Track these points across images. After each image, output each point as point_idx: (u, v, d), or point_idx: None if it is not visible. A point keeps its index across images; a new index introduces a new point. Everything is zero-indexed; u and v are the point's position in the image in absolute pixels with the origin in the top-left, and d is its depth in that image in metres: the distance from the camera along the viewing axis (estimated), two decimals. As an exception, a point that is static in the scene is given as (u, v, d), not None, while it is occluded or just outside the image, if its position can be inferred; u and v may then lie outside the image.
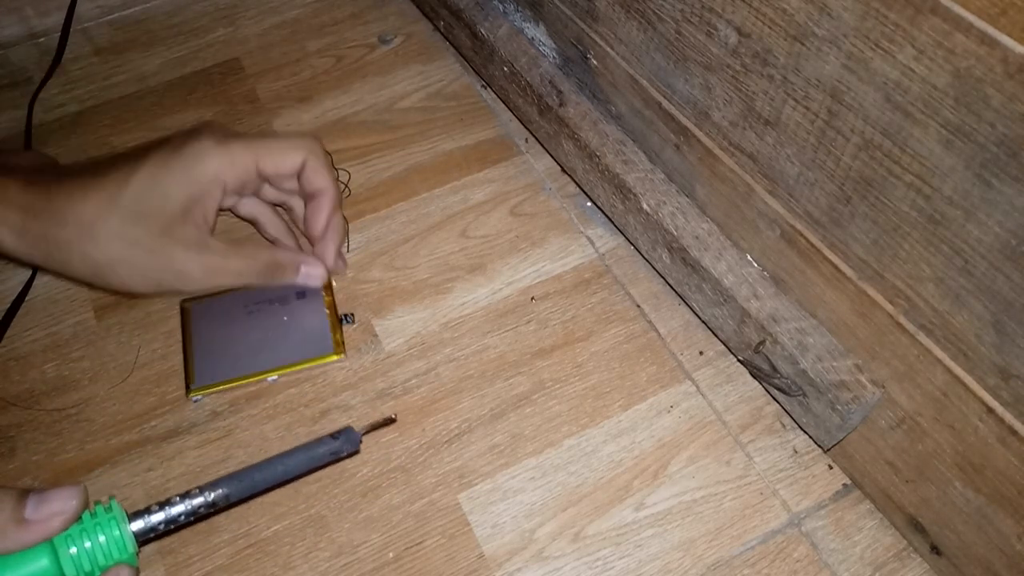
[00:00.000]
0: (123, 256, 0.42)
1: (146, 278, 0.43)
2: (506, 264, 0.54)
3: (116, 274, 0.43)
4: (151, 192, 0.42)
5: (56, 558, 0.31)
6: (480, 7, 0.59)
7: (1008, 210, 0.28)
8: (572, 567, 0.42)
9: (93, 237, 0.41)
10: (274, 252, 0.47)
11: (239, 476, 0.36)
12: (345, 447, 0.38)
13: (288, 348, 0.48)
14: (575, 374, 0.49)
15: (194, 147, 0.43)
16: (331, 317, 0.49)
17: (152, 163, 0.43)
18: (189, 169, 0.43)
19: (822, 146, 0.35)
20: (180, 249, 0.43)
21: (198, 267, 0.44)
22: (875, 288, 0.36)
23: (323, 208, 0.48)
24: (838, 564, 0.42)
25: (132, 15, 0.70)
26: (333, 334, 0.49)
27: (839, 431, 0.39)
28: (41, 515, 0.31)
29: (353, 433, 0.38)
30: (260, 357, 0.48)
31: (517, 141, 0.61)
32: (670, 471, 0.45)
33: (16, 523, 0.31)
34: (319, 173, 0.47)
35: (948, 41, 0.27)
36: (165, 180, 0.43)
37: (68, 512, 0.32)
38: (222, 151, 0.44)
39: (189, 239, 0.43)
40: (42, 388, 0.48)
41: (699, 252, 0.44)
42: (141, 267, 0.43)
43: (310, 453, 0.37)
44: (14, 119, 0.62)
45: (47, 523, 0.31)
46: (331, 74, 0.66)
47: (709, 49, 0.39)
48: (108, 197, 0.42)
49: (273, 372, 0.47)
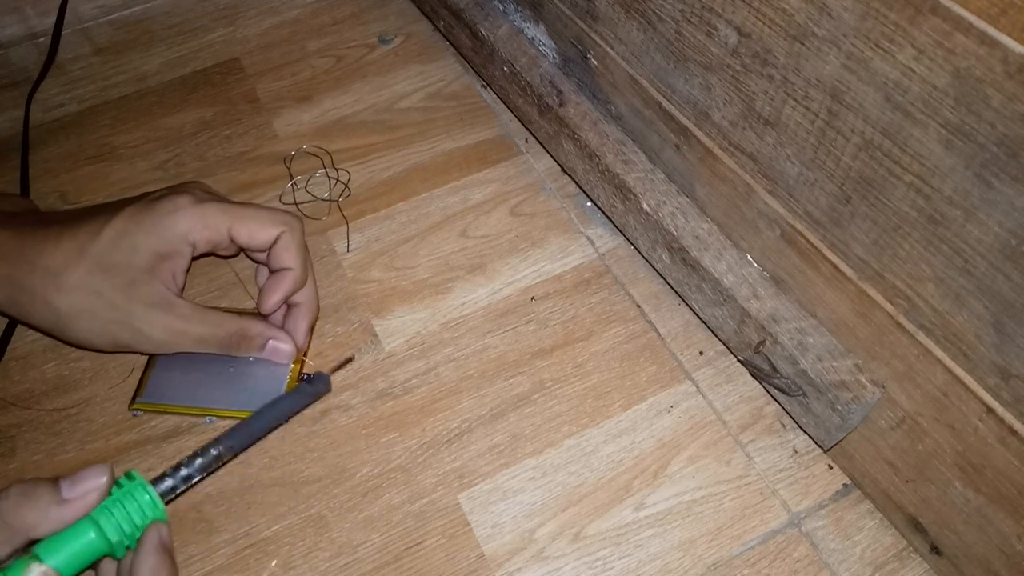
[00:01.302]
0: (84, 307, 0.42)
1: (105, 333, 0.43)
2: (506, 264, 0.54)
3: (76, 326, 0.42)
4: (119, 245, 0.42)
5: (100, 528, 0.34)
6: (480, 7, 0.59)
7: (1008, 210, 0.28)
8: (572, 567, 0.42)
9: (58, 286, 0.41)
10: (242, 323, 0.45)
11: (237, 429, 0.40)
12: (321, 388, 0.44)
13: (236, 395, 0.46)
14: (575, 374, 0.49)
15: (167, 204, 0.43)
16: (291, 380, 0.47)
17: (124, 216, 0.43)
18: (159, 225, 0.43)
19: (822, 146, 0.35)
20: (141, 307, 0.42)
21: (157, 328, 0.43)
22: (875, 288, 0.36)
23: (280, 287, 0.45)
24: (838, 564, 0.42)
25: (132, 15, 0.70)
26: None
27: (839, 431, 0.39)
28: (77, 493, 0.34)
29: (324, 375, 0.44)
30: (209, 393, 0.46)
31: (517, 141, 0.61)
32: (670, 471, 0.45)
33: (57, 504, 0.34)
34: (288, 252, 0.45)
35: (948, 41, 0.27)
36: (135, 234, 0.42)
37: (101, 487, 0.34)
38: (196, 212, 0.43)
39: (152, 297, 0.43)
40: (42, 388, 0.48)
41: (699, 252, 0.44)
42: (101, 320, 0.42)
43: (293, 399, 0.43)
44: (13, 119, 0.62)
45: (84, 499, 0.34)
46: (331, 74, 0.66)
47: (709, 49, 0.39)
48: (78, 247, 0.42)
49: (214, 413, 0.46)
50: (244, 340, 0.45)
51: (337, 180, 0.58)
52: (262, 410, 0.42)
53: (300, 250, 0.46)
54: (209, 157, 0.60)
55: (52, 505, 0.33)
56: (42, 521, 0.33)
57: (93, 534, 0.34)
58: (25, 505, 0.33)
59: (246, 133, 0.62)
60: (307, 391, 0.43)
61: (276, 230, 0.45)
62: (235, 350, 0.46)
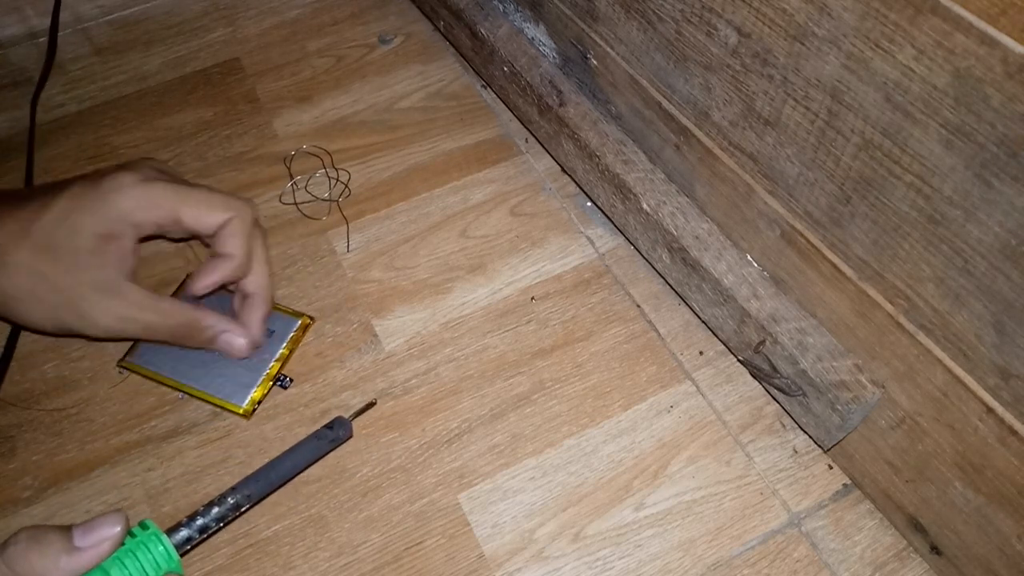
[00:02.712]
0: (28, 289, 0.40)
1: (50, 316, 0.41)
2: (506, 264, 0.54)
3: (21, 308, 0.41)
4: (61, 225, 0.40)
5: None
6: (480, 7, 0.59)
7: (1008, 210, 0.28)
8: (572, 567, 0.42)
9: (3, 266, 0.40)
10: (194, 313, 0.44)
11: (256, 476, 0.39)
12: (341, 433, 0.43)
13: (212, 377, 0.46)
14: (575, 374, 0.49)
15: (111, 183, 0.41)
16: (269, 373, 0.47)
17: (68, 195, 0.41)
18: (101, 204, 0.41)
19: (822, 146, 0.35)
20: (87, 290, 0.41)
21: (104, 313, 0.41)
22: (875, 288, 0.36)
23: (215, 271, 0.44)
24: (838, 564, 0.42)
25: (132, 15, 0.70)
26: (256, 390, 0.47)
27: (839, 431, 0.39)
28: (90, 542, 0.33)
29: (345, 420, 0.44)
30: (190, 371, 0.47)
31: (517, 141, 0.61)
32: (670, 471, 0.45)
33: (68, 552, 0.32)
34: (234, 239, 0.43)
35: (948, 41, 0.27)
36: (77, 214, 0.40)
37: (114, 536, 0.33)
38: (141, 190, 0.41)
39: (98, 280, 0.41)
40: (42, 388, 0.48)
41: (699, 252, 0.44)
42: (46, 304, 0.41)
43: (313, 445, 0.42)
44: (13, 119, 0.62)
45: (97, 548, 0.33)
46: (331, 74, 0.66)
47: (709, 49, 0.39)
48: (21, 227, 0.40)
49: (188, 389, 0.46)
50: (195, 331, 0.44)
51: (337, 180, 0.58)
52: (282, 457, 0.41)
53: (246, 238, 0.44)
54: (209, 157, 0.60)
55: (63, 554, 0.32)
56: (52, 570, 0.32)
57: None
58: (35, 551, 0.32)
59: (246, 133, 0.62)
60: (327, 437, 0.42)
61: (224, 215, 0.43)
62: (186, 340, 0.44)
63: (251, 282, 0.46)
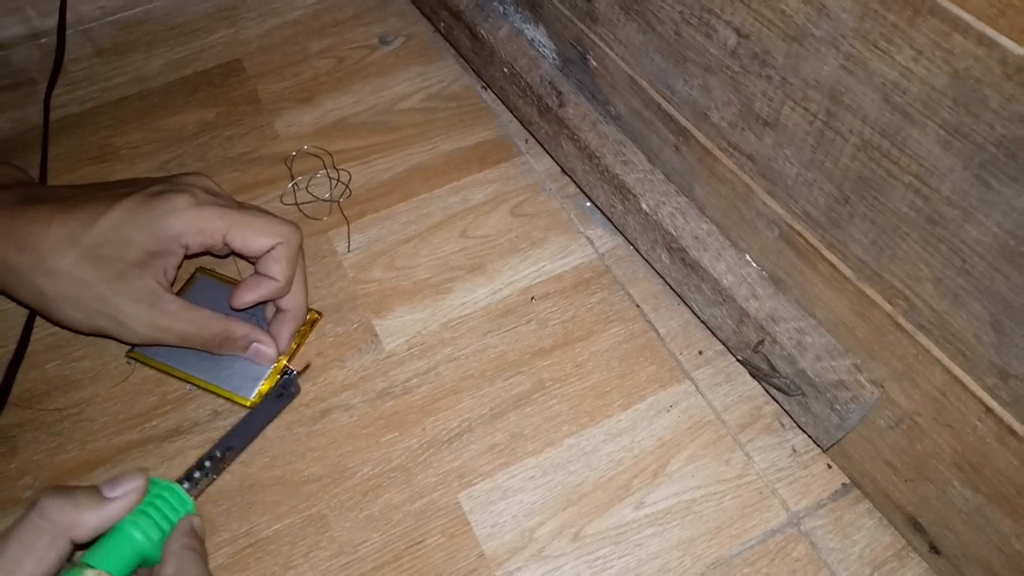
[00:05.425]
0: (70, 294, 0.42)
1: (88, 320, 0.43)
2: (506, 264, 0.54)
3: (60, 310, 0.43)
4: (112, 238, 0.42)
5: (141, 528, 0.35)
6: (480, 8, 0.59)
7: (1006, 210, 0.28)
8: (572, 566, 0.42)
9: (47, 271, 0.41)
10: (228, 324, 0.46)
11: (234, 432, 0.44)
12: (292, 390, 0.47)
13: (220, 369, 0.47)
14: (575, 374, 0.49)
15: (165, 204, 0.43)
16: (277, 367, 0.48)
17: (121, 209, 0.42)
18: (154, 224, 0.42)
19: (821, 147, 0.35)
20: (128, 300, 0.42)
21: (142, 323, 0.43)
22: (874, 288, 0.36)
23: (258, 290, 0.45)
24: (837, 563, 0.42)
25: (134, 16, 0.70)
26: (264, 383, 0.47)
27: (838, 431, 0.39)
28: (119, 492, 0.35)
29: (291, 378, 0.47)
30: (198, 363, 0.47)
31: (517, 142, 0.61)
32: (669, 470, 0.45)
33: (99, 502, 0.34)
34: (278, 264, 0.45)
35: (947, 42, 0.27)
36: (129, 229, 0.42)
37: (140, 486, 0.36)
38: (193, 214, 0.43)
39: (140, 292, 0.43)
40: (43, 388, 0.48)
41: (698, 252, 0.45)
42: (85, 309, 0.42)
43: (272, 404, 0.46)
44: (16, 119, 0.63)
45: (126, 497, 0.35)
46: (332, 75, 0.66)
47: (708, 50, 0.39)
48: (70, 234, 0.41)
49: (196, 381, 0.47)
50: (228, 341, 0.46)
51: (338, 180, 0.59)
52: (251, 414, 0.45)
53: (290, 263, 0.46)
54: (210, 158, 0.60)
55: (94, 503, 0.34)
56: (86, 518, 0.33)
57: (138, 533, 0.35)
58: (69, 502, 0.33)
59: (247, 134, 0.62)
60: (283, 398, 0.46)
61: (271, 241, 0.45)
62: (219, 349, 0.46)
63: (288, 300, 0.47)
